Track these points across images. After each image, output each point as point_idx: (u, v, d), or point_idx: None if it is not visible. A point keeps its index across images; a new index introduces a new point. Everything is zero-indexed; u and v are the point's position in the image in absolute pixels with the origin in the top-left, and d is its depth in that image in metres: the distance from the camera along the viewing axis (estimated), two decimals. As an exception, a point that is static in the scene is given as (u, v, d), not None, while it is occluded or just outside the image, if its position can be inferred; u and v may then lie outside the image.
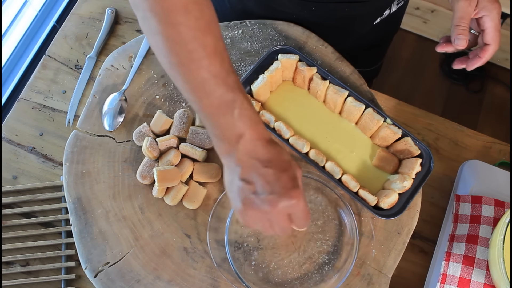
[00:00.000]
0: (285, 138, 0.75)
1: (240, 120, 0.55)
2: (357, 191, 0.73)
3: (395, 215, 0.72)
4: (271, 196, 0.54)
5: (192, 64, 0.54)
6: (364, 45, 1.01)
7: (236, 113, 0.55)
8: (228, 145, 0.56)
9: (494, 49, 0.72)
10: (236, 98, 0.55)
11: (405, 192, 0.73)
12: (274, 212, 0.55)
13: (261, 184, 0.55)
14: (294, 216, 0.57)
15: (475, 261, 0.72)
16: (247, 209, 0.56)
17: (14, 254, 0.77)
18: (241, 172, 0.56)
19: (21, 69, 1.02)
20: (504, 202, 0.75)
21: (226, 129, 0.56)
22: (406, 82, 1.83)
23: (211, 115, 0.56)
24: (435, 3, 1.71)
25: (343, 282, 0.70)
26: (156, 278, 0.71)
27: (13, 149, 0.83)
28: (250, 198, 0.55)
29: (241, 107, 0.55)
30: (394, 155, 0.77)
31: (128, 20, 0.92)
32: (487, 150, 0.86)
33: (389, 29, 1.04)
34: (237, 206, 0.57)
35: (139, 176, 0.75)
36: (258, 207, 0.55)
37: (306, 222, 0.59)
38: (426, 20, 1.79)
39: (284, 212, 0.56)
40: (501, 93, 1.81)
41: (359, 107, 0.76)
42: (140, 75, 0.83)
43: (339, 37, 0.89)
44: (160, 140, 0.76)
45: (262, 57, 0.79)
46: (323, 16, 0.85)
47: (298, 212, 0.57)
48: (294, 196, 0.55)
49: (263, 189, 0.55)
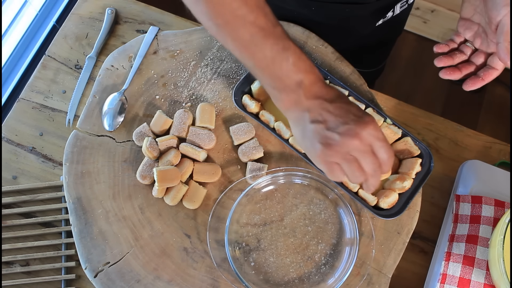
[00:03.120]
0: (285, 138, 0.75)
1: (296, 66, 0.56)
2: (357, 191, 0.73)
3: (395, 215, 0.72)
4: (347, 126, 0.54)
5: (238, 21, 0.54)
6: (367, 46, 1.01)
7: (291, 60, 0.55)
8: (291, 94, 0.57)
9: (506, 63, 0.65)
10: (288, 46, 0.55)
11: (405, 192, 0.73)
12: (356, 144, 0.54)
13: (333, 119, 0.55)
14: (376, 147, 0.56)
15: (475, 261, 0.72)
16: (328, 149, 0.55)
17: (14, 254, 0.77)
18: (310, 116, 0.56)
19: (21, 69, 1.02)
20: (504, 202, 0.75)
21: (285, 77, 0.56)
22: (406, 82, 1.83)
23: (267, 68, 0.56)
24: (435, 3, 1.71)
25: (343, 282, 0.70)
26: (156, 278, 0.71)
27: (13, 149, 0.83)
28: (327, 136, 0.55)
29: (294, 54, 0.56)
30: (394, 155, 0.77)
31: (128, 20, 0.92)
32: (487, 150, 0.86)
33: (392, 31, 1.04)
34: (316, 151, 0.56)
35: (139, 176, 0.75)
36: (338, 143, 0.54)
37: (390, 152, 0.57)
38: (426, 20, 1.79)
39: (366, 142, 0.55)
40: (501, 93, 1.81)
41: None
42: (140, 75, 0.83)
43: (340, 37, 0.89)
44: (160, 140, 0.76)
45: None
46: (324, 15, 0.85)
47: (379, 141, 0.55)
48: (369, 122, 0.55)
49: (336, 123, 0.54)
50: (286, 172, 0.76)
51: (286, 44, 0.56)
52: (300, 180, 0.77)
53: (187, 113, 0.78)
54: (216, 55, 0.84)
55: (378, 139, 0.56)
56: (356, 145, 0.55)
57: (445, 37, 1.83)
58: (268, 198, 0.76)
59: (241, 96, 0.78)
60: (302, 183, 0.77)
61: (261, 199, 0.76)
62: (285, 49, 0.55)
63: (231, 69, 0.83)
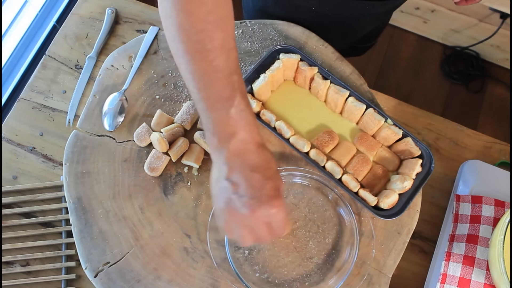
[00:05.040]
0: (285, 137, 0.75)
1: (235, 119, 0.55)
2: (357, 191, 0.73)
3: (395, 215, 0.72)
4: (252, 201, 0.54)
5: (197, 54, 0.54)
6: (365, 35, 1.02)
7: (232, 112, 0.55)
8: (219, 142, 0.56)
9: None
10: (235, 97, 0.55)
11: (405, 193, 0.73)
12: (253, 218, 0.54)
13: (244, 187, 0.54)
14: (273, 225, 0.56)
15: (475, 261, 0.72)
16: (227, 210, 0.56)
17: (14, 254, 0.77)
18: (227, 172, 0.55)
19: (21, 69, 1.02)
20: (504, 202, 0.75)
21: (220, 125, 0.56)
22: (406, 82, 1.83)
23: (208, 108, 0.56)
24: (435, 3, 1.71)
25: (343, 282, 0.70)
26: (156, 278, 0.71)
27: (13, 149, 0.83)
28: (232, 199, 0.55)
29: (238, 107, 0.55)
30: (396, 154, 0.77)
31: (128, 20, 0.92)
32: (487, 150, 0.86)
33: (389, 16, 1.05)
34: (218, 205, 0.57)
35: (147, 169, 0.75)
36: (238, 209, 0.54)
37: (284, 231, 0.57)
38: (426, 20, 1.79)
39: (262, 220, 0.55)
40: (501, 93, 1.81)
41: (360, 107, 0.76)
42: (140, 75, 0.83)
43: (343, 35, 0.90)
44: (165, 130, 0.76)
45: (263, 56, 0.79)
46: (340, 14, 0.86)
47: (277, 222, 0.56)
48: (275, 205, 0.54)
49: (245, 193, 0.54)
50: (286, 172, 0.76)
51: (235, 94, 0.55)
52: (300, 180, 0.77)
53: (195, 107, 0.78)
54: (216, 55, 0.84)
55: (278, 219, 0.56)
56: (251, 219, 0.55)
57: (445, 37, 1.83)
58: (268, 198, 0.76)
59: None
60: (302, 183, 0.77)
61: (261, 199, 0.76)
62: (231, 98, 0.55)
63: (231, 69, 0.83)
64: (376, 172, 0.76)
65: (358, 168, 0.75)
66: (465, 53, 1.83)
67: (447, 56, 1.84)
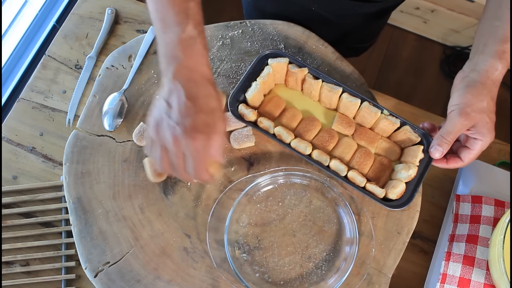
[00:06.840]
0: (286, 142, 0.75)
1: (183, 44, 0.58)
2: (365, 185, 0.73)
3: (404, 204, 0.72)
4: (177, 126, 0.56)
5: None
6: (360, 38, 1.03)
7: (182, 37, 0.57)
8: (167, 64, 0.58)
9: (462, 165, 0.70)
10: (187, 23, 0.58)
11: (411, 181, 0.73)
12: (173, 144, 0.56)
13: (176, 111, 0.56)
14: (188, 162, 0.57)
15: (475, 261, 0.72)
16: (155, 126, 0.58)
17: (14, 254, 0.77)
18: (167, 92, 0.58)
19: (21, 69, 1.02)
20: (504, 202, 0.75)
21: (168, 48, 0.59)
22: (406, 82, 1.83)
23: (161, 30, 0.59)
24: (435, 3, 1.71)
25: (343, 282, 0.70)
26: (156, 278, 0.71)
27: (13, 149, 0.83)
28: (162, 118, 0.57)
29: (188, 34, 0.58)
30: (396, 144, 0.77)
31: (128, 20, 0.92)
32: (487, 150, 0.85)
33: None
34: (150, 120, 0.59)
35: (153, 178, 0.74)
36: (163, 130, 0.57)
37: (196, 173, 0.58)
38: (426, 20, 1.79)
39: (181, 150, 0.57)
40: (501, 93, 1.80)
41: (355, 102, 0.76)
42: (140, 75, 0.83)
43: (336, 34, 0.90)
44: None
45: (252, 64, 0.78)
46: (331, 11, 0.86)
47: (193, 160, 0.57)
48: (196, 139, 0.56)
49: (174, 116, 0.56)
50: (286, 172, 0.76)
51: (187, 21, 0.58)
52: (300, 180, 0.77)
53: None
54: (216, 55, 0.84)
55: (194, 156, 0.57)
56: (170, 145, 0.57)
57: (445, 37, 1.83)
58: (268, 198, 0.76)
59: (236, 106, 0.77)
60: (301, 183, 0.77)
61: (261, 199, 0.76)
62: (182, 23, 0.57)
63: (231, 69, 0.83)
64: (379, 164, 0.76)
65: (362, 163, 0.75)
66: (465, 53, 1.83)
67: (447, 56, 1.84)
